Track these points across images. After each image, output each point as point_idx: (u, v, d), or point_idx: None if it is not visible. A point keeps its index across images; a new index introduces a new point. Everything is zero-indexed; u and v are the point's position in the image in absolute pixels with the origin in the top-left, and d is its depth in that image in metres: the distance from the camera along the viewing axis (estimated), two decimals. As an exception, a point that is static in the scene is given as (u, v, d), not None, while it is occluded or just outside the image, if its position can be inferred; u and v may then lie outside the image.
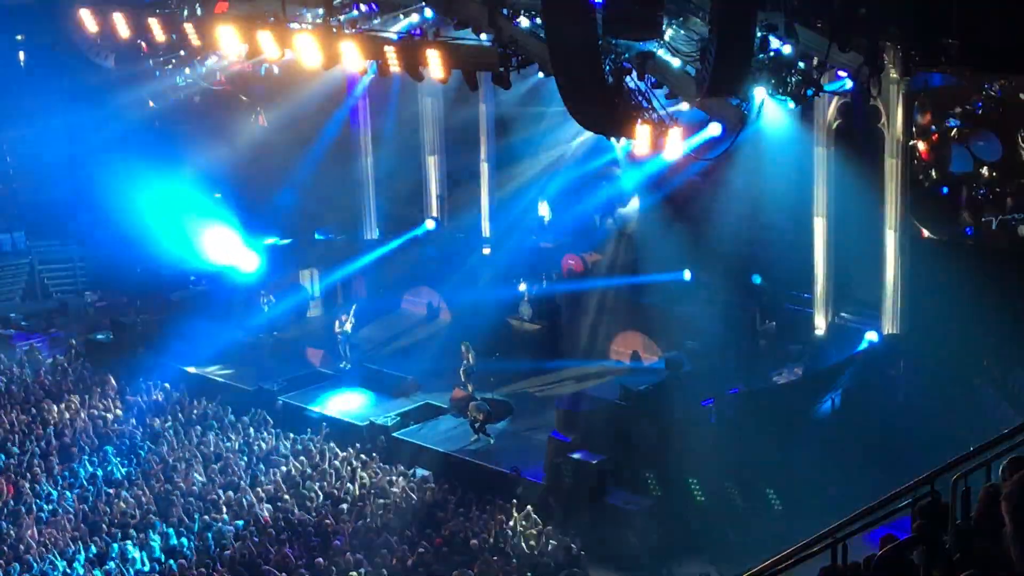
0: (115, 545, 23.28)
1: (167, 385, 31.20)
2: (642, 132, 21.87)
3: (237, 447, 27.65)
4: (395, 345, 34.10)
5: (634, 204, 32.62)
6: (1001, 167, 25.11)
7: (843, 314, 28.06)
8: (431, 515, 24.59)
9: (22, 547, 23.03)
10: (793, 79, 23.30)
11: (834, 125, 26.85)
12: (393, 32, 27.60)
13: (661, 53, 22.73)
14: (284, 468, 26.52)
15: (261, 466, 26.70)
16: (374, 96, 35.97)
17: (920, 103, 25.52)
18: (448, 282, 34.95)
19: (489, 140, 34.33)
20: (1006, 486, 3.75)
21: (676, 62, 22.78)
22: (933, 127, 25.50)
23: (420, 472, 26.82)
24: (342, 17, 28.20)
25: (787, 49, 22.54)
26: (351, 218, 37.33)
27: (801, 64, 23.30)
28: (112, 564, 22.63)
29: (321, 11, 28.05)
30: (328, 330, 34.01)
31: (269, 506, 24.85)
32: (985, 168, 25.10)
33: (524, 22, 24.82)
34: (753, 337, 28.74)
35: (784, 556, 9.89)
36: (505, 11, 24.98)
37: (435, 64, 25.64)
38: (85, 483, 25.94)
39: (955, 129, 25.21)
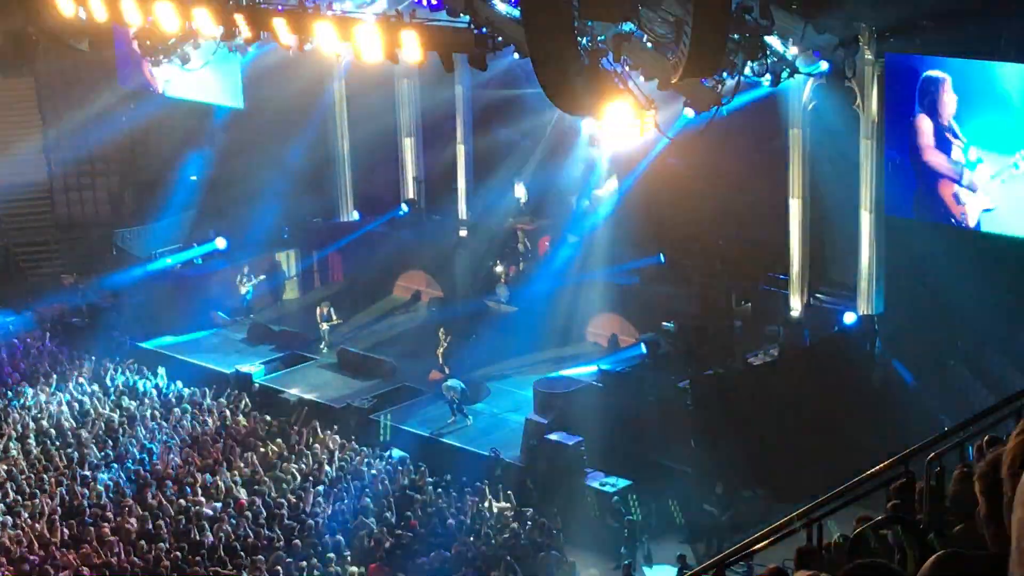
0: (91, 528, 23.25)
1: (143, 368, 31.12)
2: (617, 113, 21.89)
3: (214, 430, 27.63)
4: (375, 328, 34.09)
5: (610, 186, 32.63)
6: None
7: (819, 295, 28.15)
8: (408, 497, 24.62)
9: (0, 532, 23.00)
10: (768, 60, 23.35)
11: (809, 106, 26.88)
12: (369, 13, 27.54)
13: (636, 35, 22.73)
14: (261, 450, 26.50)
15: (238, 449, 26.67)
16: (350, 78, 35.86)
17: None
18: (424, 265, 34.97)
19: (465, 122, 34.26)
20: (980, 466, 3.78)
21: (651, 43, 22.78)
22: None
23: (397, 454, 26.83)
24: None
25: (762, 30, 22.57)
26: (328, 200, 37.26)
27: (776, 45, 23.35)
28: (88, 547, 22.58)
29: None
30: (305, 312, 34.00)
31: (245, 489, 24.83)
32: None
33: (500, 4, 24.78)
34: (729, 318, 28.80)
35: (760, 536, 9.94)
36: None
37: (411, 46, 25.61)
38: (61, 466, 25.87)
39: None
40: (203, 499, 24.33)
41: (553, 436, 26.10)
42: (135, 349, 32.88)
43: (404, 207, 35.72)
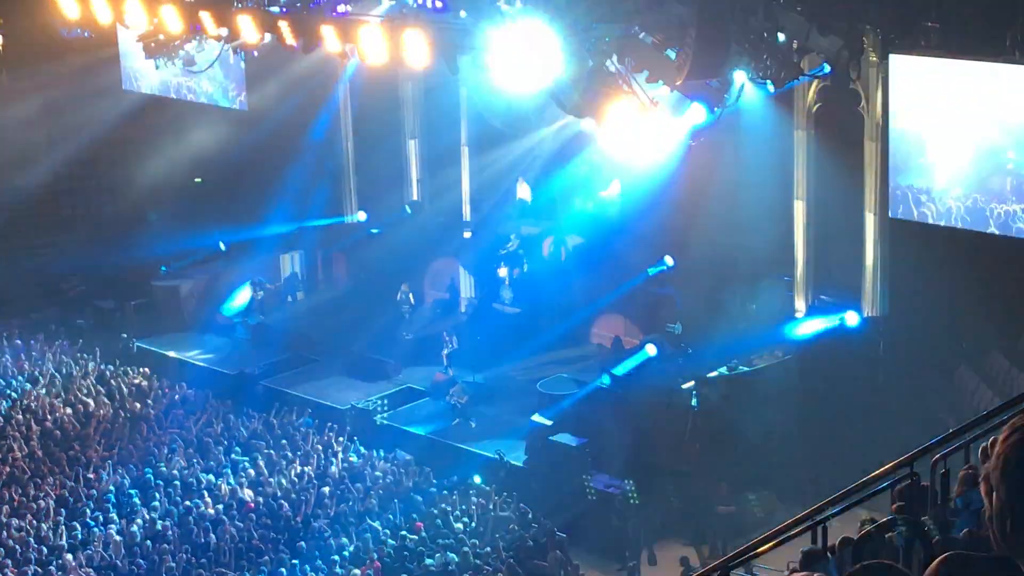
0: (95, 530, 23.26)
1: (147, 370, 31.12)
2: (622, 115, 21.87)
3: (218, 431, 27.62)
4: (379, 329, 34.05)
5: (615, 187, 32.60)
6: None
7: (823, 297, 28.11)
8: (413, 499, 24.62)
9: (4, 534, 22.98)
10: (773, 63, 23.32)
11: (814, 108, 26.85)
12: (374, 15, 27.52)
13: (641, 36, 22.72)
14: (266, 452, 26.49)
15: (242, 450, 26.67)
16: (354, 79, 35.83)
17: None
18: (428, 266, 34.97)
19: (469, 123, 34.25)
20: (985, 467, 3.78)
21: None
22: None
23: (402, 455, 26.82)
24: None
25: (767, 32, 22.56)
26: (333, 201, 37.25)
27: (781, 47, 23.31)
28: (93, 550, 22.59)
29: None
30: (310, 313, 34.10)
31: (250, 490, 24.83)
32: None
33: (504, 5, 24.74)
34: (734, 320, 28.77)
35: (765, 538, 9.94)
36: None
37: (416, 48, 25.58)
38: (66, 468, 25.87)
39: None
40: (208, 500, 24.34)
41: (557, 438, 26.10)
42: (140, 351, 32.89)
43: (408, 208, 35.71)
